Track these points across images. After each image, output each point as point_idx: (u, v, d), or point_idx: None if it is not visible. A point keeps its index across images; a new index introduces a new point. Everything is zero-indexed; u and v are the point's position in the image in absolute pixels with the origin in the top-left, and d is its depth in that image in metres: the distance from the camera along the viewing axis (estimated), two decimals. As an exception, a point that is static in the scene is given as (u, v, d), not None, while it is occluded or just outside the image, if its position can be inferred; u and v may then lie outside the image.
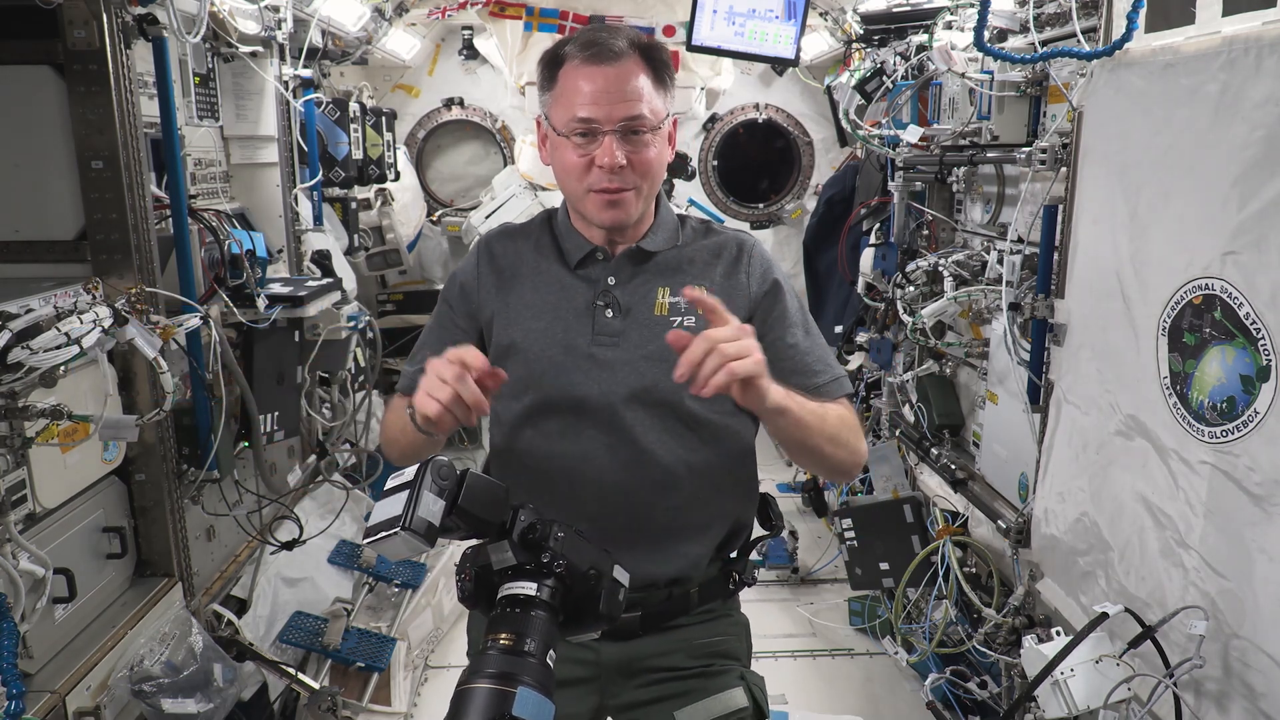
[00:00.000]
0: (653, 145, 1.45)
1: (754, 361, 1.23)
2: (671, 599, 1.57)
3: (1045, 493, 2.21)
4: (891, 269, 3.30)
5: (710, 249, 1.59)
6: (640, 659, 1.57)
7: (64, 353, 1.74)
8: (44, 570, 1.82)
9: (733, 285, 1.56)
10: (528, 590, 1.09)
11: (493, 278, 1.58)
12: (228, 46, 2.91)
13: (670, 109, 1.50)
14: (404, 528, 1.04)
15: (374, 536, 1.07)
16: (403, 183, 4.64)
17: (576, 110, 1.42)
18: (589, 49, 1.42)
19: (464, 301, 1.60)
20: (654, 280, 1.54)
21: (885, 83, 3.12)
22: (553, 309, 1.53)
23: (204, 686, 2.14)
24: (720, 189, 5.48)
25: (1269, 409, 1.50)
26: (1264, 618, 1.52)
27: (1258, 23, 1.54)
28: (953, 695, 2.73)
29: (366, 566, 3.54)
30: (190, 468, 2.39)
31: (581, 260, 1.55)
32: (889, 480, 3.44)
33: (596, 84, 1.41)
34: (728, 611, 1.67)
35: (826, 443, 1.45)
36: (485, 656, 1.03)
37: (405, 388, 1.60)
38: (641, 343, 1.50)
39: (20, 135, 2.09)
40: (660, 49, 1.47)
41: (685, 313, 1.51)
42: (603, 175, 1.43)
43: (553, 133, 1.48)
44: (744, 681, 1.60)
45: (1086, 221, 2.04)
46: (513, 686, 0.99)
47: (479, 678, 1.00)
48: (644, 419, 1.49)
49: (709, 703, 1.56)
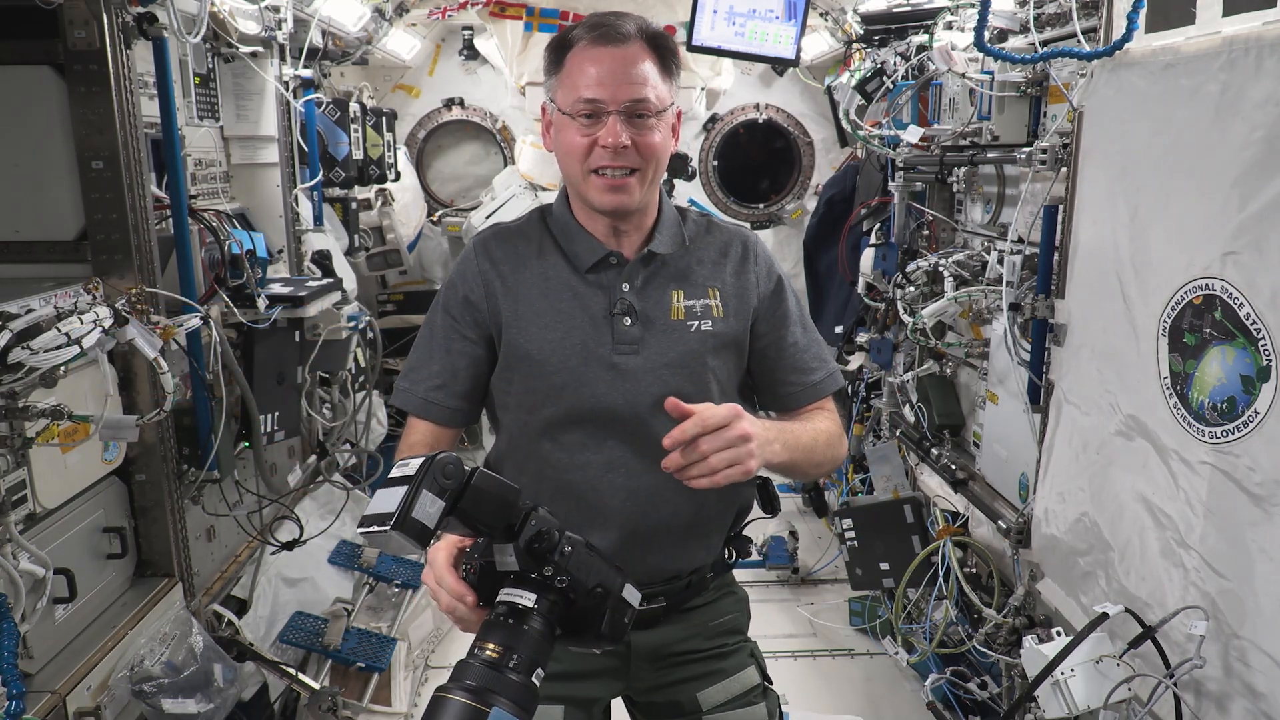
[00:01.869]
0: (657, 130, 1.45)
1: (744, 471, 1.25)
2: (690, 585, 1.62)
3: (1045, 493, 2.21)
4: (892, 269, 3.30)
5: (717, 247, 1.60)
6: (665, 645, 1.61)
7: (64, 353, 1.74)
8: (44, 570, 1.82)
9: (743, 285, 1.57)
10: (526, 601, 1.06)
11: (498, 283, 1.54)
12: (228, 46, 2.91)
13: (675, 99, 1.49)
14: (394, 528, 0.99)
15: (366, 528, 1.02)
16: (403, 183, 4.64)
17: (582, 91, 1.41)
18: (596, 30, 1.43)
19: (469, 311, 1.55)
20: (667, 284, 1.54)
21: (885, 83, 3.12)
22: (567, 317, 1.51)
23: (204, 687, 2.14)
24: (720, 189, 5.48)
25: (1269, 409, 1.50)
26: (1264, 618, 1.52)
27: (1258, 23, 1.54)
28: (953, 695, 2.73)
29: (367, 566, 3.54)
30: (190, 468, 2.39)
31: (594, 265, 1.52)
32: (889, 480, 3.44)
33: (603, 65, 1.41)
34: (730, 588, 1.73)
35: (812, 469, 1.55)
36: (468, 666, 1.01)
37: (419, 409, 1.57)
38: (662, 350, 1.50)
39: (20, 135, 2.09)
40: (667, 38, 1.47)
41: (701, 316, 1.52)
42: (605, 155, 1.42)
43: (558, 114, 1.47)
44: (753, 658, 1.70)
45: (1087, 222, 2.04)
46: (487, 705, 0.96)
47: (457, 688, 0.98)
48: (669, 424, 1.47)
49: (728, 684, 1.64)
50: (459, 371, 1.56)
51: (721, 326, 1.54)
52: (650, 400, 1.48)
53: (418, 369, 1.59)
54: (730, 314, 1.55)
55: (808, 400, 1.61)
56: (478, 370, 1.57)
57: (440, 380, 1.56)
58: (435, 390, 1.56)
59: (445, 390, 1.56)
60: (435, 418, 1.57)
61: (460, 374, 1.56)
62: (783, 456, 1.40)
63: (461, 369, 1.56)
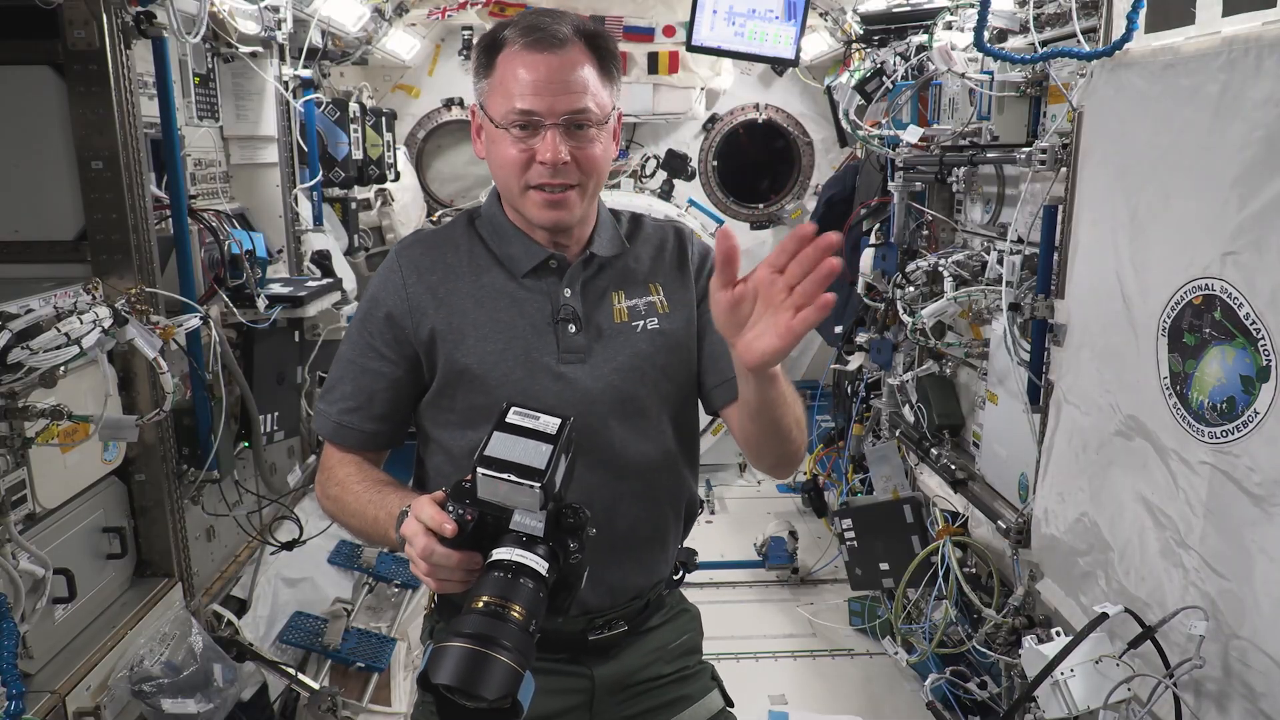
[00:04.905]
0: (598, 141, 1.35)
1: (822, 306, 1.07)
2: (648, 604, 1.55)
3: (1045, 493, 2.21)
4: (891, 269, 3.30)
5: (653, 244, 1.53)
6: (629, 674, 1.54)
7: (64, 353, 1.75)
8: (44, 570, 1.82)
9: (682, 278, 1.51)
10: (539, 567, 1.03)
11: (426, 296, 1.41)
12: (228, 46, 2.91)
13: (616, 102, 1.39)
14: (542, 486, 1.01)
15: (497, 473, 1.02)
16: (403, 183, 4.64)
17: (516, 101, 1.31)
18: (530, 34, 1.31)
19: (389, 328, 1.42)
20: (605, 285, 1.46)
21: (885, 83, 3.12)
22: (507, 326, 1.40)
23: (204, 686, 2.14)
24: (720, 189, 5.48)
25: (1269, 409, 1.49)
26: (1264, 618, 1.52)
27: (1258, 23, 1.54)
28: (953, 695, 2.73)
29: (366, 567, 3.54)
30: (190, 468, 2.40)
31: (533, 269, 1.43)
32: (889, 480, 3.44)
33: (538, 73, 1.30)
34: (683, 605, 1.66)
35: (794, 424, 1.37)
36: (466, 618, 0.97)
37: (332, 433, 1.45)
38: (609, 356, 1.42)
39: (20, 135, 2.09)
40: (606, 37, 1.37)
41: (645, 315, 1.45)
42: (544, 171, 1.32)
43: (489, 124, 1.36)
44: (715, 681, 1.63)
45: (1086, 222, 2.04)
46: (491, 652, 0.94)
47: (456, 638, 0.94)
48: (622, 432, 1.43)
49: (694, 710, 1.57)
50: (374, 393, 1.44)
51: (668, 324, 1.46)
52: (602, 409, 1.40)
53: (331, 389, 1.48)
54: (675, 307, 1.48)
55: None
56: (396, 392, 1.45)
57: (354, 403, 1.44)
58: (348, 413, 1.44)
59: (359, 413, 1.44)
60: (350, 442, 1.45)
61: (376, 396, 1.44)
62: (783, 384, 1.28)
63: (377, 391, 1.44)
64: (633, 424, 1.44)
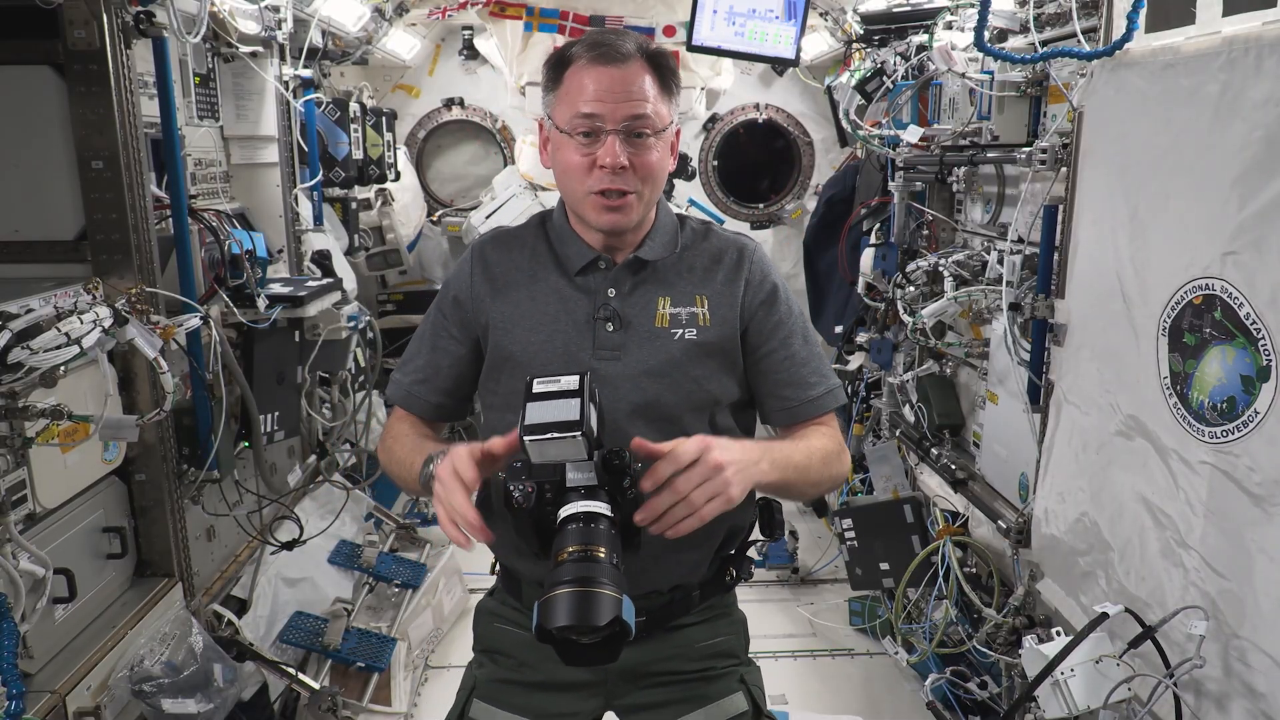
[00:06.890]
0: (655, 149, 1.43)
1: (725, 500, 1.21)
2: (673, 602, 1.57)
3: (1045, 493, 2.21)
4: (891, 269, 3.30)
5: (710, 254, 1.56)
6: (646, 663, 1.57)
7: (64, 353, 1.75)
8: (44, 570, 1.82)
9: (730, 293, 1.53)
10: (604, 510, 1.14)
11: (487, 286, 1.55)
12: (228, 46, 2.91)
13: (674, 117, 1.48)
14: (583, 433, 1.11)
15: (541, 435, 1.11)
16: (403, 183, 4.64)
17: (580, 107, 1.40)
18: (596, 49, 1.41)
19: (457, 311, 1.58)
20: (654, 290, 1.51)
21: (885, 83, 3.12)
22: (551, 321, 1.51)
23: (204, 686, 2.14)
24: (720, 189, 5.48)
25: (1269, 409, 1.50)
26: (1264, 618, 1.52)
27: (1258, 23, 1.54)
28: (953, 695, 2.73)
29: (366, 566, 3.54)
30: (190, 468, 2.39)
31: (583, 269, 1.52)
32: (889, 480, 3.44)
33: (602, 83, 1.40)
34: (726, 609, 1.67)
35: (808, 488, 1.49)
36: (559, 568, 1.07)
37: (402, 400, 1.61)
38: (643, 358, 1.48)
39: (20, 135, 2.09)
40: (666, 56, 1.46)
41: (686, 324, 1.50)
42: (605, 176, 1.41)
43: (555, 132, 1.46)
44: (743, 684, 1.61)
45: (1086, 222, 2.04)
46: (597, 588, 1.03)
47: (559, 585, 1.04)
48: (645, 433, 1.43)
49: (710, 710, 1.57)
50: (441, 369, 1.59)
51: (707, 335, 1.50)
52: (628, 407, 1.46)
53: (407, 362, 1.64)
54: (717, 323, 1.51)
55: (804, 416, 1.55)
56: (460, 370, 1.59)
57: (423, 375, 1.60)
58: (418, 384, 1.60)
59: (427, 385, 1.60)
60: (416, 410, 1.61)
61: (442, 371, 1.59)
62: (772, 476, 1.34)
63: (444, 366, 1.59)
64: (657, 427, 1.45)
